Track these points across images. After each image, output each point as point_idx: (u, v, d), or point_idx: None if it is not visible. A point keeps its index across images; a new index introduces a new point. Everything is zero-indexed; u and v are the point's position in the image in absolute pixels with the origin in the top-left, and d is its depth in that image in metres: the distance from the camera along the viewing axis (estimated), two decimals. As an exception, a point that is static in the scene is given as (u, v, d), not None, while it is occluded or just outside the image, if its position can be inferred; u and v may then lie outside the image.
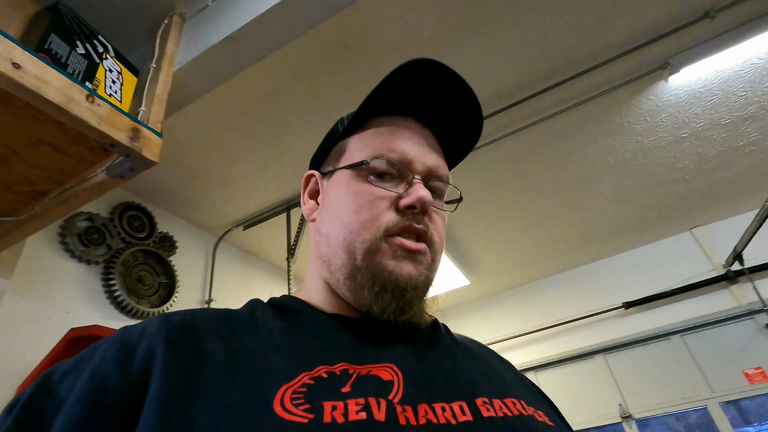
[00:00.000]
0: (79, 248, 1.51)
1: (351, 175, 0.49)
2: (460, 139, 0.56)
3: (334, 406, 0.33)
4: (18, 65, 0.69)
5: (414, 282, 0.44)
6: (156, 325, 0.38)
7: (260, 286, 2.37)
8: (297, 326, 0.43)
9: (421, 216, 0.46)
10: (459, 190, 0.53)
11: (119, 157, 0.86)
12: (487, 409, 0.39)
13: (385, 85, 0.48)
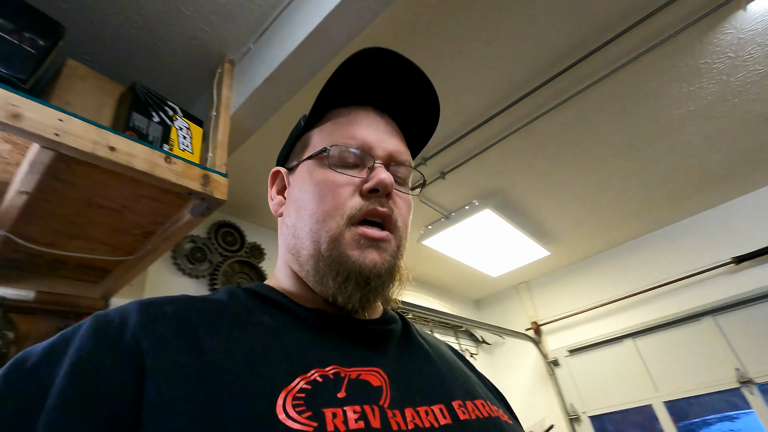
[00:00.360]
0: (188, 266, 1.81)
1: (313, 165, 0.50)
2: (420, 125, 0.57)
3: (334, 414, 0.34)
4: (113, 148, 0.89)
5: (378, 270, 0.44)
6: (137, 317, 0.37)
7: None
8: (283, 323, 0.43)
9: (385, 199, 0.47)
10: (422, 174, 0.56)
11: (197, 200, 1.05)
12: (463, 412, 0.42)
13: (339, 76, 0.48)
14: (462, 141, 1.88)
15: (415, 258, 2.91)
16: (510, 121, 1.83)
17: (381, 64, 0.50)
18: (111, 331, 0.35)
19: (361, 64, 0.49)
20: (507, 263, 3.01)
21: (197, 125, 1.19)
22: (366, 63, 0.49)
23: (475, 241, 2.61)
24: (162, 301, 0.40)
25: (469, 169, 2.09)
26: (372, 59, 0.49)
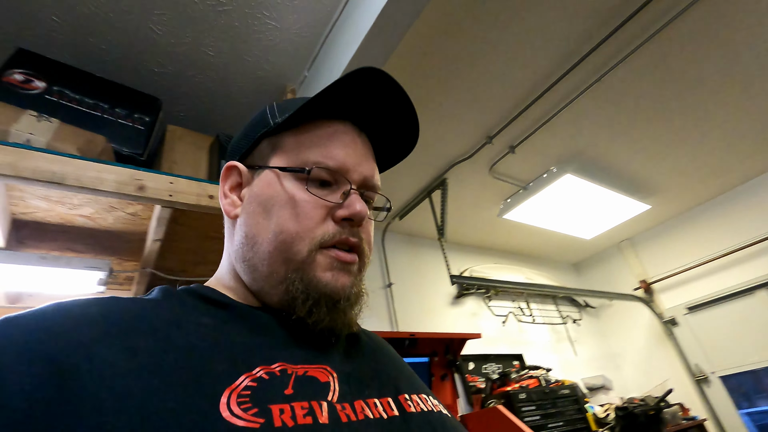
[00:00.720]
0: (290, 270, 2.08)
1: (286, 178, 0.47)
2: (394, 147, 0.56)
3: (281, 410, 0.33)
4: (212, 196, 1.10)
5: (347, 292, 0.45)
6: (58, 320, 0.34)
7: (427, 261, 2.69)
8: (226, 321, 0.42)
9: (357, 228, 0.47)
10: (389, 200, 0.55)
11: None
12: (409, 405, 0.43)
13: (331, 91, 0.47)
14: (527, 112, 1.83)
15: (499, 233, 2.90)
16: (576, 83, 1.73)
17: (370, 84, 0.48)
18: (21, 335, 0.32)
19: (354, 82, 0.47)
20: (600, 224, 2.84)
21: (273, 157, 1.37)
22: (358, 81, 0.47)
23: (561, 206, 2.51)
24: (86, 302, 0.38)
25: (540, 138, 2.02)
26: (364, 79, 0.47)
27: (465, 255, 2.95)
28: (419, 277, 2.60)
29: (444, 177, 2.20)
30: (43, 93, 1.05)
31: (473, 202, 2.50)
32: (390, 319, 2.29)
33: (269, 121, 0.51)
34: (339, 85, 0.46)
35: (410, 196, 2.35)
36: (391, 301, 2.35)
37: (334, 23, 1.30)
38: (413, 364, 1.91)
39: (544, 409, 2.06)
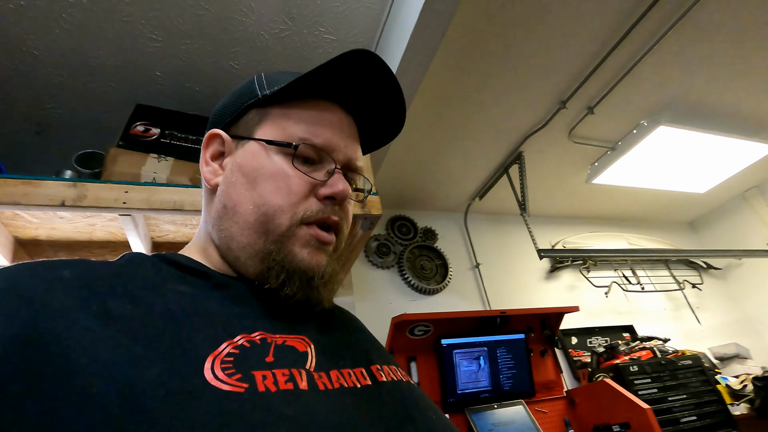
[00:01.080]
0: (378, 260, 2.21)
1: (272, 151, 0.47)
2: (380, 130, 0.57)
3: (264, 376, 0.34)
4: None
5: (321, 271, 0.46)
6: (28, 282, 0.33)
7: (513, 237, 2.64)
8: (204, 289, 0.42)
9: (338, 207, 0.48)
10: (371, 183, 0.56)
11: (361, 220, 1.34)
12: (381, 375, 0.45)
13: (324, 70, 0.46)
14: (601, 68, 1.70)
15: (589, 200, 2.72)
16: (656, 25, 1.56)
17: (361, 67, 0.48)
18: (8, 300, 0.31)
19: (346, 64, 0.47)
20: (715, 175, 2.51)
21: (346, 159, 1.48)
22: (350, 63, 0.47)
23: (660, 162, 2.28)
24: (57, 264, 0.37)
25: (621, 94, 1.86)
26: (356, 61, 0.47)
27: (554, 227, 2.83)
28: (507, 254, 2.57)
29: (519, 150, 2.14)
30: (159, 137, 1.28)
31: (555, 172, 2.39)
32: (481, 298, 2.31)
33: (257, 92, 0.50)
34: (331, 65, 0.46)
35: (487, 174, 2.32)
36: (480, 282, 2.37)
37: (385, 22, 1.36)
38: (508, 341, 1.93)
39: (661, 382, 1.92)
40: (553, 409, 1.92)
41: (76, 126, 1.52)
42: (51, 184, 1.02)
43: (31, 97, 1.40)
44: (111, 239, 1.29)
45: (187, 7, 1.23)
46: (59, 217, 1.14)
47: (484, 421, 1.71)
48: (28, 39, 1.24)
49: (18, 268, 0.35)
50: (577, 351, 2.29)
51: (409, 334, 1.80)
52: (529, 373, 1.92)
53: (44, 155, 1.59)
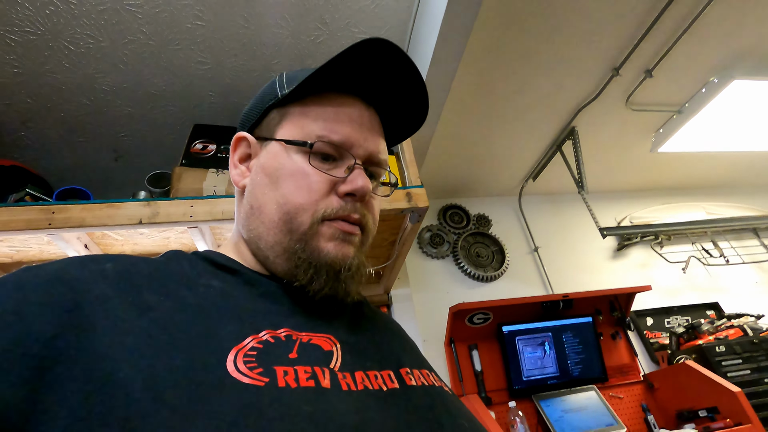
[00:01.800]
0: (432, 251, 2.21)
1: (291, 151, 0.47)
2: (405, 121, 0.55)
3: (285, 372, 0.34)
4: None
5: (349, 263, 0.45)
6: (76, 273, 0.36)
7: (572, 217, 2.52)
8: (234, 287, 0.43)
9: (360, 204, 0.47)
10: (396, 176, 0.53)
11: (409, 213, 1.36)
12: (410, 379, 0.43)
13: (337, 62, 0.46)
14: (657, 25, 1.56)
15: (656, 170, 2.53)
16: (717, -29, 1.41)
17: (379, 57, 0.47)
18: (43, 284, 0.33)
19: (360, 54, 0.46)
20: (807, 127, 2.21)
21: (390, 155, 1.50)
22: (364, 53, 0.46)
23: (737, 120, 2.05)
24: (101, 258, 0.39)
25: (682, 51, 1.70)
26: (372, 50, 0.46)
27: (618, 202, 2.65)
28: (568, 235, 2.45)
29: (572, 125, 2.03)
30: (215, 153, 1.38)
31: (614, 144, 2.24)
32: (543, 283, 2.24)
33: (277, 91, 0.50)
34: (345, 56, 0.45)
35: (538, 154, 2.23)
36: (540, 265, 2.29)
37: (416, 12, 1.36)
38: (574, 325, 1.85)
39: (754, 362, 1.75)
40: (630, 394, 1.83)
41: (145, 149, 1.68)
42: (129, 205, 1.14)
43: (107, 128, 1.57)
44: (183, 249, 1.42)
45: (228, 28, 1.31)
46: (139, 234, 1.27)
47: (554, 407, 1.67)
48: (99, 77, 1.39)
49: (68, 261, 0.38)
50: (654, 332, 2.14)
51: (468, 322, 1.79)
52: (599, 357, 1.84)
53: (122, 178, 1.77)
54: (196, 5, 1.23)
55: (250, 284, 0.44)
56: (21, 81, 1.35)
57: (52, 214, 1.09)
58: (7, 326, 0.30)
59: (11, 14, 1.17)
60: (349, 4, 1.30)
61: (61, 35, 1.24)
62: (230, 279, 0.44)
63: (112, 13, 1.21)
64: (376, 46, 0.46)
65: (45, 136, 1.56)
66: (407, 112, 0.55)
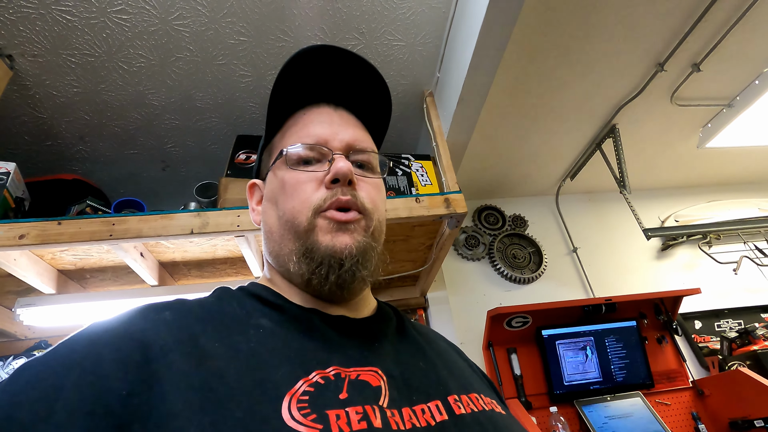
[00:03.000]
0: (468, 253, 2.20)
1: (278, 170, 0.52)
2: (377, 110, 0.59)
3: (338, 416, 0.34)
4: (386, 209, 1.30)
5: (350, 251, 0.46)
6: (140, 324, 0.38)
7: (613, 216, 2.44)
8: (281, 325, 0.44)
9: (347, 187, 0.48)
10: (387, 159, 0.56)
11: (447, 218, 1.36)
12: (459, 407, 0.42)
13: (282, 83, 0.49)
14: (707, 17, 1.49)
15: (704, 166, 2.42)
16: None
17: (324, 60, 0.51)
18: (114, 340, 0.35)
19: (304, 65, 0.49)
20: None
21: (427, 160, 1.51)
22: (310, 63, 0.50)
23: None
24: (159, 307, 0.41)
25: (734, 42, 1.61)
26: (314, 58, 0.50)
27: (662, 200, 2.55)
28: (608, 235, 2.38)
29: (612, 123, 1.97)
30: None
31: (657, 141, 2.15)
32: (583, 285, 2.18)
33: (263, 136, 0.58)
34: (285, 74, 0.50)
35: (576, 153, 2.18)
36: (580, 267, 2.24)
37: (452, 18, 1.35)
38: (617, 329, 1.80)
39: (816, 370, 1.65)
40: (678, 401, 1.76)
41: (191, 160, 1.76)
42: (181, 216, 1.20)
43: (156, 141, 1.65)
44: (230, 256, 1.48)
45: (268, 42, 1.35)
46: (189, 242, 1.34)
47: (597, 413, 1.64)
48: (149, 93, 1.46)
49: (132, 313, 0.40)
50: (703, 336, 2.05)
51: (507, 326, 1.78)
52: (645, 362, 1.79)
53: (170, 187, 1.86)
54: (238, 22, 1.28)
55: (296, 320, 0.45)
56: (80, 99, 1.44)
57: (113, 226, 1.17)
58: (89, 384, 0.31)
59: (72, 39, 1.25)
60: (386, 13, 1.32)
61: (116, 56, 1.32)
62: (276, 317, 0.45)
63: (162, 33, 1.28)
64: (317, 54, 0.50)
65: (100, 150, 1.66)
66: (374, 102, 0.58)
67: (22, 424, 0.29)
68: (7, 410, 0.30)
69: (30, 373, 0.33)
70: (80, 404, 0.30)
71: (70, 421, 0.29)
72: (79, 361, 0.33)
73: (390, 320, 0.54)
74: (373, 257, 0.48)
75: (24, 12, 1.17)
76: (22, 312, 1.31)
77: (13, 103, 1.40)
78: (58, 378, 0.32)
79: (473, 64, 1.25)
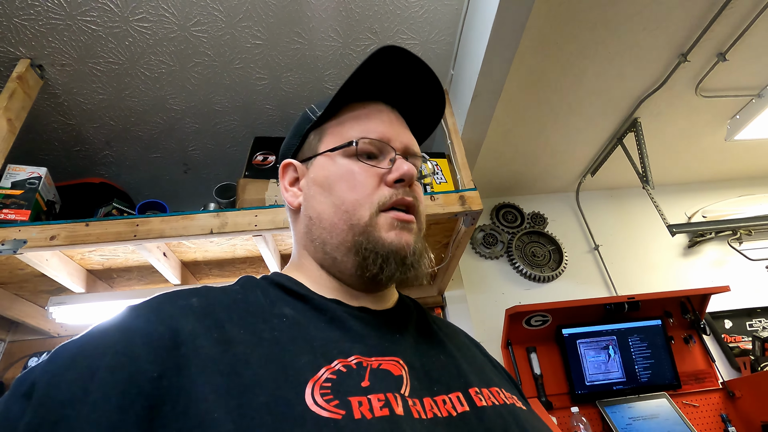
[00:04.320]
0: (486, 251, 2.18)
1: (337, 157, 0.52)
2: (425, 118, 0.60)
3: (360, 402, 0.35)
4: (399, 208, 1.31)
5: (412, 248, 0.48)
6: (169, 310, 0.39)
7: (636, 212, 2.37)
8: (305, 314, 0.45)
9: (408, 189, 0.50)
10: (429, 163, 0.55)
11: (462, 216, 1.36)
12: (480, 399, 0.42)
13: (359, 74, 0.51)
14: (729, 6, 1.44)
15: (733, 159, 2.33)
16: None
17: (392, 61, 0.53)
18: (145, 325, 0.37)
19: (376, 62, 0.51)
20: None
21: (441, 158, 1.50)
22: (380, 61, 0.51)
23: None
24: (187, 293, 0.42)
25: (762, 30, 1.55)
26: (385, 58, 0.51)
27: (688, 195, 2.47)
28: (632, 232, 2.32)
29: (634, 117, 1.92)
30: (275, 164, 1.46)
31: (682, 134, 2.08)
32: (606, 283, 2.13)
33: (311, 117, 0.57)
34: (365, 68, 0.51)
35: (597, 149, 2.13)
36: (602, 265, 2.19)
37: (465, 14, 1.35)
38: (641, 328, 1.75)
39: None
40: (706, 402, 1.71)
41: (211, 162, 1.80)
42: (201, 216, 1.24)
43: (177, 144, 1.70)
44: (249, 255, 1.51)
45: (284, 44, 1.38)
46: (210, 242, 1.38)
47: (621, 414, 1.60)
48: (170, 98, 1.51)
49: (161, 298, 0.41)
50: (733, 336, 1.98)
51: (526, 324, 1.75)
52: (670, 362, 1.73)
53: (190, 188, 1.92)
54: (254, 26, 1.31)
55: (319, 310, 0.46)
56: (105, 106, 1.50)
57: (137, 227, 1.21)
58: (121, 366, 0.33)
59: (97, 48, 1.31)
60: (398, 12, 1.32)
61: (138, 63, 1.37)
62: (300, 306, 0.46)
63: (181, 39, 1.32)
64: (390, 53, 0.51)
65: (125, 154, 1.72)
66: (426, 108, 0.59)
67: (61, 403, 0.30)
68: (46, 389, 0.31)
69: (66, 355, 0.34)
70: (114, 385, 0.32)
71: (104, 401, 0.31)
72: (112, 345, 0.35)
73: (411, 313, 0.54)
74: (426, 256, 0.50)
75: (53, 23, 1.22)
76: (55, 310, 1.37)
77: (44, 110, 1.47)
78: (93, 360, 0.33)
79: (487, 59, 1.25)
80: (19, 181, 1.27)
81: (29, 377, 0.33)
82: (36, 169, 1.31)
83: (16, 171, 1.29)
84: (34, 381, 0.32)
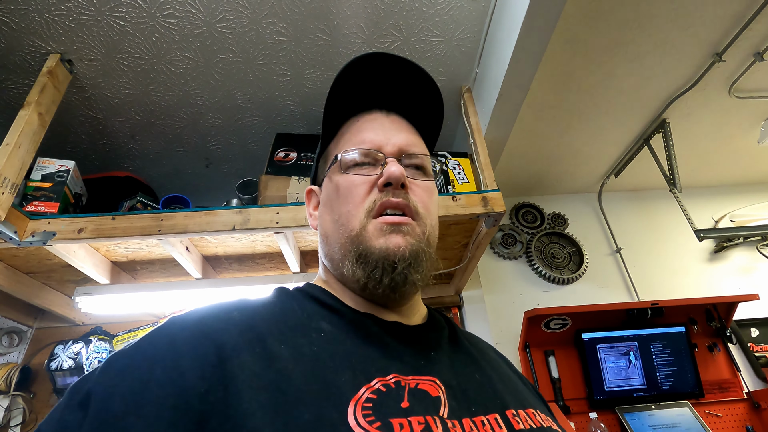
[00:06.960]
0: (504, 252, 2.16)
1: (332, 174, 0.53)
2: (429, 113, 0.59)
3: (401, 425, 0.34)
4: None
5: (402, 253, 0.45)
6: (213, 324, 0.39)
7: (661, 215, 2.31)
8: (340, 329, 0.44)
9: (399, 190, 0.48)
10: (437, 163, 0.53)
11: (484, 218, 1.34)
12: (517, 422, 0.41)
13: (337, 92, 0.51)
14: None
15: (764, 162, 2.24)
16: None
17: (374, 68, 0.53)
18: (191, 339, 0.37)
19: (357, 74, 0.51)
20: None
21: (464, 157, 1.49)
22: (362, 71, 0.52)
23: None
24: (226, 306, 0.42)
25: (803, 28, 1.48)
26: (364, 66, 0.51)
27: (716, 198, 2.39)
28: (656, 235, 2.26)
29: (663, 117, 1.86)
30: (296, 160, 1.46)
31: (713, 136, 2.02)
32: (627, 287, 2.09)
33: (319, 144, 0.60)
34: (341, 82, 0.52)
35: (622, 149, 2.08)
36: (624, 268, 2.14)
37: (492, 13, 1.32)
38: (664, 335, 1.72)
39: None
40: (730, 413, 1.66)
41: (233, 157, 1.82)
42: (224, 212, 1.25)
43: (200, 139, 1.72)
44: (269, 251, 1.52)
45: (307, 41, 1.37)
46: (231, 237, 1.39)
47: (640, 422, 1.57)
48: (194, 93, 1.52)
49: (204, 312, 0.41)
50: (760, 345, 1.92)
51: (545, 327, 1.73)
52: (694, 371, 1.69)
53: (212, 183, 1.94)
54: (279, 22, 1.31)
55: (354, 325, 0.46)
56: (131, 100, 1.52)
57: (161, 221, 1.23)
58: (171, 381, 0.33)
59: (124, 43, 1.32)
60: (424, 9, 1.30)
61: (164, 58, 1.38)
62: (335, 320, 0.46)
63: (207, 35, 1.32)
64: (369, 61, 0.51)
65: (149, 148, 1.74)
66: (426, 104, 0.59)
67: (116, 415, 0.31)
68: (102, 401, 0.32)
69: (118, 366, 0.35)
70: (165, 399, 0.32)
71: (157, 414, 0.31)
72: (161, 357, 0.35)
73: (443, 329, 0.53)
74: (425, 262, 0.48)
75: (82, 19, 1.24)
76: (80, 300, 1.40)
77: (72, 104, 1.50)
78: (144, 373, 0.34)
79: (515, 58, 1.22)
80: (49, 174, 1.30)
81: (84, 387, 0.34)
82: (65, 162, 1.34)
83: (45, 164, 1.32)
84: (89, 391, 0.33)
